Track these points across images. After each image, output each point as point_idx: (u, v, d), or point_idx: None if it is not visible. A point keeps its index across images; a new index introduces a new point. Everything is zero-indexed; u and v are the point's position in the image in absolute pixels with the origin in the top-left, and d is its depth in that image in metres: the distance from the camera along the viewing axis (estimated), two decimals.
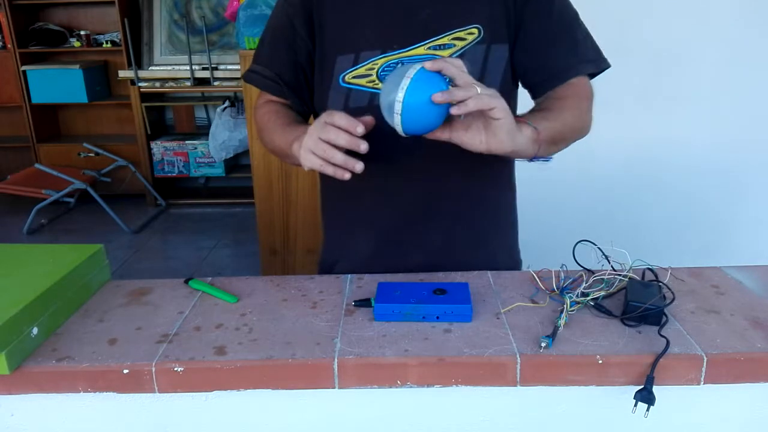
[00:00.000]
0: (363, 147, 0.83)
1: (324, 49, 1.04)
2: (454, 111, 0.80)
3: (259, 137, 1.11)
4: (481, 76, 1.00)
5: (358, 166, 0.84)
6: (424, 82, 0.81)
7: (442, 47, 0.99)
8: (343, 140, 0.83)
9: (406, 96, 0.80)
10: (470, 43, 0.99)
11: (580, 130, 1.02)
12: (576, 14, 1.04)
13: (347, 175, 0.85)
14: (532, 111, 0.98)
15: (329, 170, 0.86)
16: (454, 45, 0.99)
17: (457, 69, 0.82)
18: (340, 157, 0.84)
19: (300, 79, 1.08)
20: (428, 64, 0.81)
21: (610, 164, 2.17)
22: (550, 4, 1.00)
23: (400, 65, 0.85)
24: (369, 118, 0.87)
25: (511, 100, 1.06)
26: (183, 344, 0.82)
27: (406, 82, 0.80)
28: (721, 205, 2.22)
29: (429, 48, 0.99)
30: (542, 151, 0.91)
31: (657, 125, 2.14)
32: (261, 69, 1.09)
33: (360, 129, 0.83)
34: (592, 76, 1.04)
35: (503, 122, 0.82)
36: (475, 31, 0.99)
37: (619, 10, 1.97)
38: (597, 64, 1.02)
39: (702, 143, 2.15)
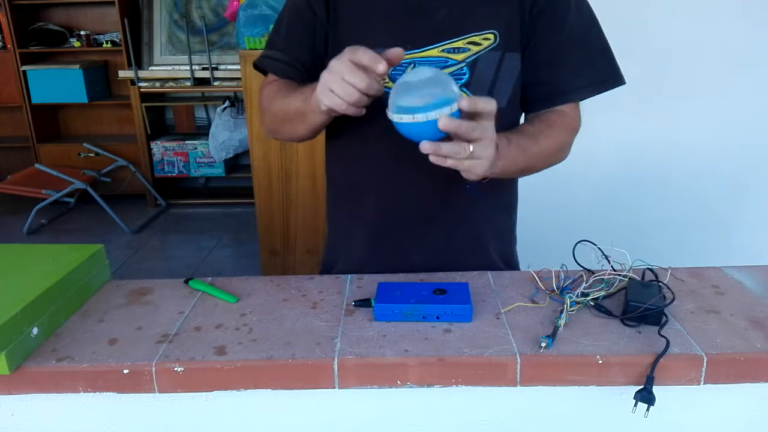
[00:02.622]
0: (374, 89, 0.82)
1: (338, 41, 1.03)
2: (432, 159, 0.80)
3: (266, 114, 1.08)
4: (494, 84, 0.99)
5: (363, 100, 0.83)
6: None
7: (456, 50, 0.98)
8: (364, 84, 0.81)
9: (410, 122, 0.79)
10: (485, 48, 0.98)
11: (553, 162, 1.04)
12: (591, 26, 1.01)
13: (362, 111, 0.85)
14: (516, 133, 0.97)
15: (351, 111, 0.85)
16: (469, 49, 0.98)
17: (467, 127, 0.79)
18: (357, 98, 0.83)
19: (318, 66, 1.05)
20: (464, 103, 0.78)
21: (611, 164, 2.17)
22: (563, 17, 0.99)
23: (435, 73, 0.81)
24: (396, 50, 0.83)
25: (520, 112, 1.05)
26: (183, 344, 0.82)
27: (420, 118, 0.78)
28: (721, 205, 2.22)
29: (443, 50, 0.98)
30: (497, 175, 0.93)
31: (657, 125, 2.14)
32: (278, 54, 1.07)
33: (382, 67, 0.80)
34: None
35: (470, 176, 0.84)
36: (491, 36, 0.98)
37: (620, 10, 1.97)
38: (602, 85, 1.01)
39: (702, 143, 2.15)
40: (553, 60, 1.00)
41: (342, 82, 0.82)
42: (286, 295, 0.94)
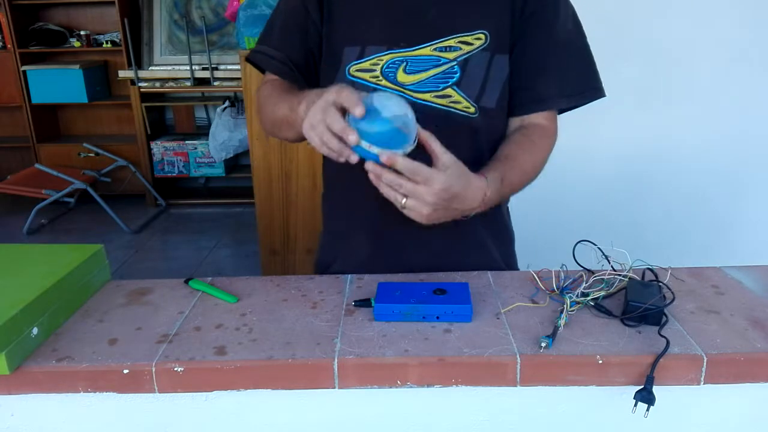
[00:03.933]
0: (353, 158, 0.82)
1: (332, 38, 1.03)
2: (371, 177, 0.83)
3: (260, 116, 1.09)
4: (483, 85, 0.99)
5: (353, 158, 0.82)
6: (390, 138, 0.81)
7: (448, 49, 0.98)
8: (338, 128, 0.81)
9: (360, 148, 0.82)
10: (476, 48, 0.98)
11: (532, 179, 1.04)
12: (577, 36, 1.02)
13: (342, 160, 0.83)
14: (506, 167, 0.97)
15: (324, 151, 0.84)
16: (460, 48, 0.98)
17: (389, 180, 0.82)
18: (335, 145, 0.82)
19: (310, 65, 1.06)
20: (383, 158, 0.80)
21: (610, 164, 2.17)
22: (552, 23, 0.99)
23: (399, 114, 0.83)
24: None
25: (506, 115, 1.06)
26: (183, 344, 0.82)
27: (365, 146, 0.81)
28: (721, 205, 2.22)
29: (435, 49, 0.98)
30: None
31: (657, 125, 2.14)
32: (270, 50, 1.07)
33: (359, 111, 0.79)
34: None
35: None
36: (482, 36, 0.98)
37: (618, 10, 1.97)
38: (582, 96, 1.01)
39: (702, 143, 2.15)
40: (537, 65, 1.00)
41: (321, 123, 0.82)
42: (286, 295, 0.94)
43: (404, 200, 0.83)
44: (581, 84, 1.02)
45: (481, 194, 0.89)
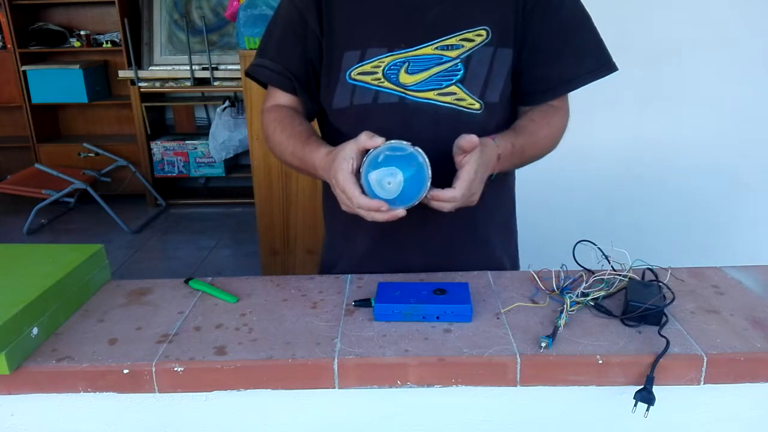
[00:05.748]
0: (401, 213, 0.87)
1: (331, 44, 1.03)
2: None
3: (268, 143, 1.10)
4: (487, 80, 0.99)
5: (400, 213, 0.87)
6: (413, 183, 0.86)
7: (449, 47, 0.98)
8: (367, 208, 0.86)
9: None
10: (478, 44, 0.98)
11: (546, 154, 1.07)
12: (583, 18, 1.03)
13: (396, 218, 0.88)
14: (519, 135, 1.00)
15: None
16: (462, 46, 0.98)
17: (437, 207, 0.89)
18: (380, 217, 0.87)
19: (310, 75, 1.06)
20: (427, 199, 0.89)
21: (610, 164, 2.17)
22: (556, 12, 1.00)
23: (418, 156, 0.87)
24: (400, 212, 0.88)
25: (511, 106, 1.06)
26: (183, 344, 0.82)
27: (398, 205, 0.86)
28: (721, 205, 2.22)
29: (436, 48, 0.98)
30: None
31: (657, 125, 2.14)
32: (269, 63, 1.07)
33: (383, 212, 0.86)
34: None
35: None
36: (483, 32, 0.98)
37: (619, 9, 1.97)
38: (597, 73, 1.02)
39: (702, 143, 2.15)
40: (548, 55, 1.01)
41: (356, 209, 0.88)
42: (286, 295, 0.94)
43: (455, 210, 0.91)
44: (593, 63, 1.03)
45: (494, 154, 0.93)
